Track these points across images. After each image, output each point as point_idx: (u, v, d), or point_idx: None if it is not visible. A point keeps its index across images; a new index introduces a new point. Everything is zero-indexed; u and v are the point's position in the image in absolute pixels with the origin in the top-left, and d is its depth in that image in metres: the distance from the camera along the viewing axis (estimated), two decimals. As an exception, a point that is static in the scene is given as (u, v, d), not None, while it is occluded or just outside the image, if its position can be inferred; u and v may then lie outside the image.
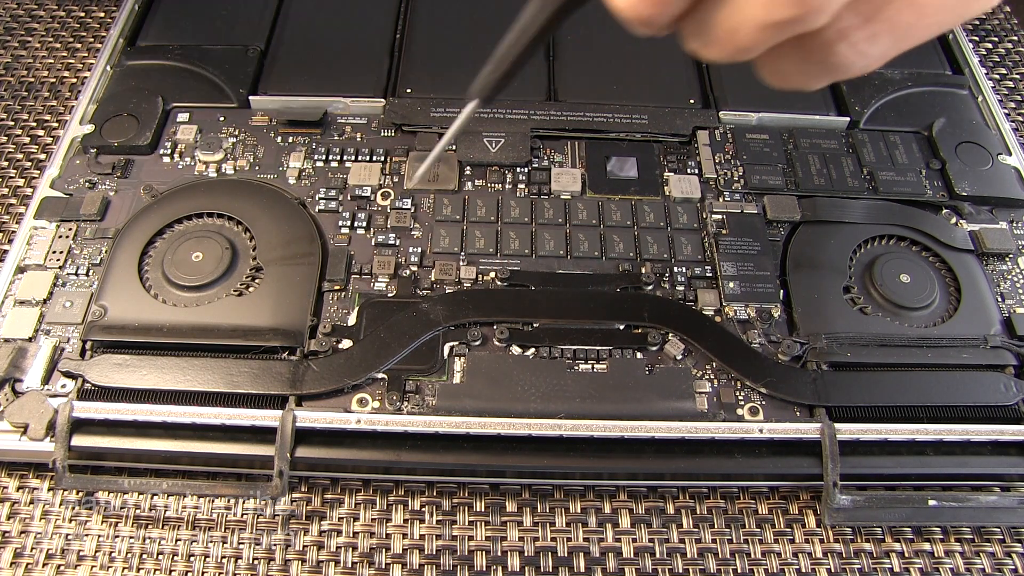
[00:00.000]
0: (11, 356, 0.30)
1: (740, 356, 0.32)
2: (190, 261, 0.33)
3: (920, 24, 0.19)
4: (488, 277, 0.34)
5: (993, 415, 0.31)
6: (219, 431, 0.30)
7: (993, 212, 0.37)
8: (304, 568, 0.29)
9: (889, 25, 0.19)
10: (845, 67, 0.20)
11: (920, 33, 0.20)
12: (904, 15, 0.19)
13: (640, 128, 0.39)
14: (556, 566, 0.29)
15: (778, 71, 0.20)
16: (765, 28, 0.19)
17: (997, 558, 0.30)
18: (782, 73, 0.20)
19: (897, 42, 0.20)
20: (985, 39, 0.50)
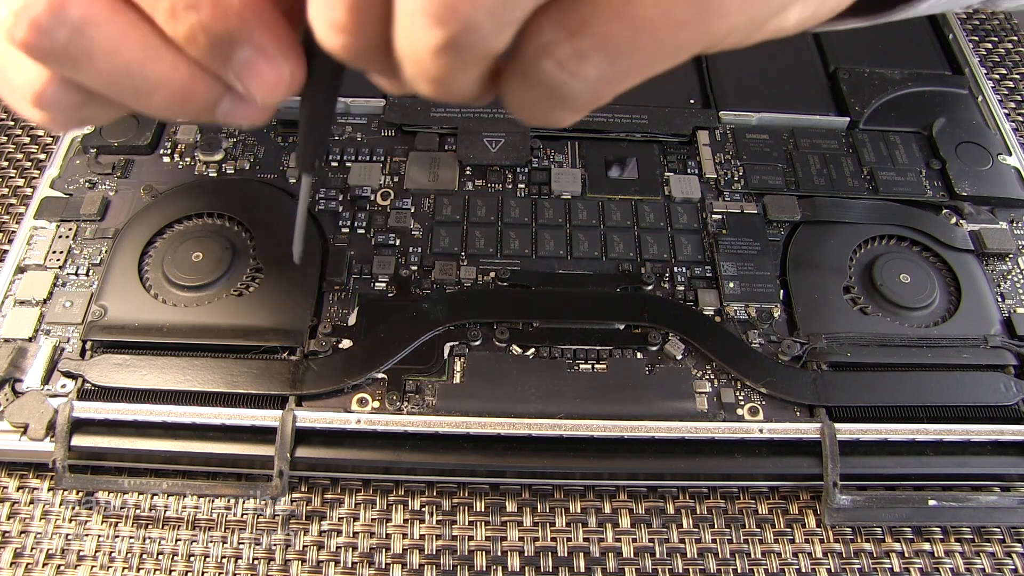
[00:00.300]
0: (11, 356, 0.30)
1: (740, 356, 0.32)
2: (190, 261, 0.33)
3: (642, 42, 0.17)
4: (488, 277, 0.34)
5: (993, 415, 0.31)
6: (219, 431, 0.30)
7: (993, 212, 0.37)
8: (304, 568, 0.29)
9: (599, 41, 0.16)
10: (563, 92, 0.17)
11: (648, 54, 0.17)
12: (615, 28, 0.16)
13: (640, 128, 0.39)
14: (556, 566, 0.29)
15: (513, 104, 0.18)
16: (436, 54, 0.17)
17: (997, 558, 0.30)
18: (518, 106, 0.18)
19: (616, 62, 0.17)
20: (985, 39, 0.50)
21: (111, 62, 0.19)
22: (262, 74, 0.19)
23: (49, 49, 0.19)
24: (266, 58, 0.19)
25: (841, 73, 0.42)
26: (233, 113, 0.21)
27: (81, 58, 0.19)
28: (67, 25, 0.18)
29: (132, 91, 0.20)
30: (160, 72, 0.20)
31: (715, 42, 0.18)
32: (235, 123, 0.22)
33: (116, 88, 0.20)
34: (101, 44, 0.19)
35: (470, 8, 0.15)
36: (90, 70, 0.19)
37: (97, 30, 0.19)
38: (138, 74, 0.19)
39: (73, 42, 0.19)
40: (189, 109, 0.21)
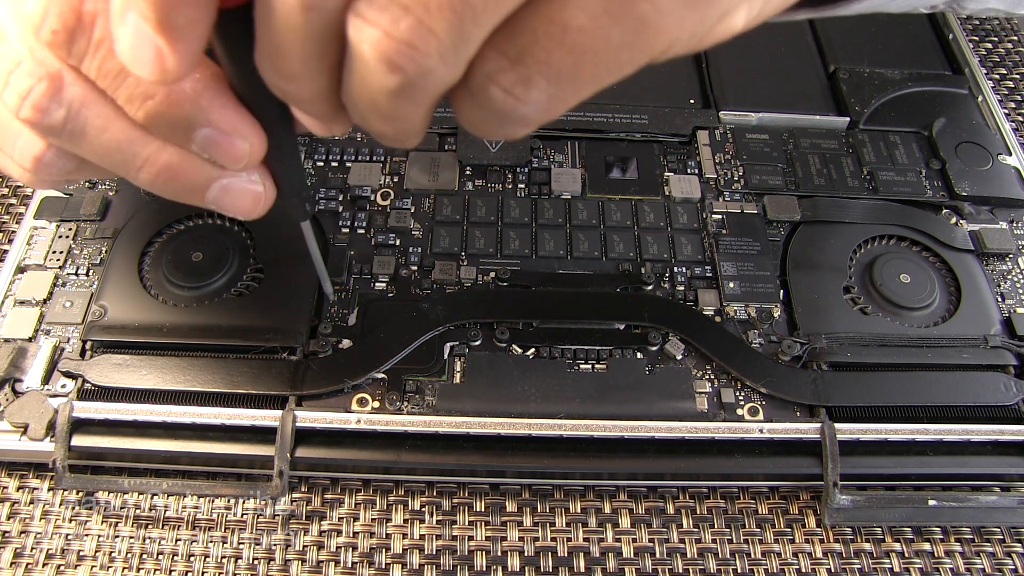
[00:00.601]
0: (11, 356, 0.30)
1: (740, 356, 0.32)
2: (190, 261, 0.33)
3: (583, 64, 0.17)
4: (488, 277, 0.34)
5: (993, 415, 0.31)
6: (219, 431, 0.30)
7: (993, 212, 0.37)
8: (304, 568, 0.29)
9: (542, 67, 0.17)
10: (513, 115, 0.18)
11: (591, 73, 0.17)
12: (555, 55, 0.17)
13: (640, 128, 0.39)
14: (556, 566, 0.29)
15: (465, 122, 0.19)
16: (391, 96, 0.17)
17: (997, 558, 0.30)
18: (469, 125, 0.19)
19: (561, 85, 0.17)
20: (985, 39, 0.50)
21: (103, 139, 0.21)
22: (224, 149, 0.21)
23: (48, 126, 0.21)
24: (224, 136, 0.21)
25: (841, 73, 0.42)
26: (221, 201, 0.23)
27: (76, 134, 0.21)
28: (64, 107, 0.21)
29: (122, 164, 0.22)
30: (148, 151, 0.21)
31: (658, 55, 0.18)
32: (225, 211, 0.23)
33: (107, 161, 0.22)
34: (94, 123, 0.21)
35: (424, 52, 0.16)
36: (84, 144, 0.21)
37: (90, 110, 0.21)
38: (127, 151, 0.21)
39: (69, 121, 0.21)
40: (176, 188, 0.22)
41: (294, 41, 0.17)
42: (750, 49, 0.43)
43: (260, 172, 0.23)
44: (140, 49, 0.18)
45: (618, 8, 0.16)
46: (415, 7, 0.15)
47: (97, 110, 0.21)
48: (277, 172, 0.24)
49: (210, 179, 0.22)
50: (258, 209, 0.24)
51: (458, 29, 0.16)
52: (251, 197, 0.23)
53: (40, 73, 0.21)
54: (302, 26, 0.16)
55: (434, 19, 0.16)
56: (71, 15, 0.19)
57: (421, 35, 0.16)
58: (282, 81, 0.18)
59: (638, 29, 0.17)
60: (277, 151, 0.23)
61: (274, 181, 0.24)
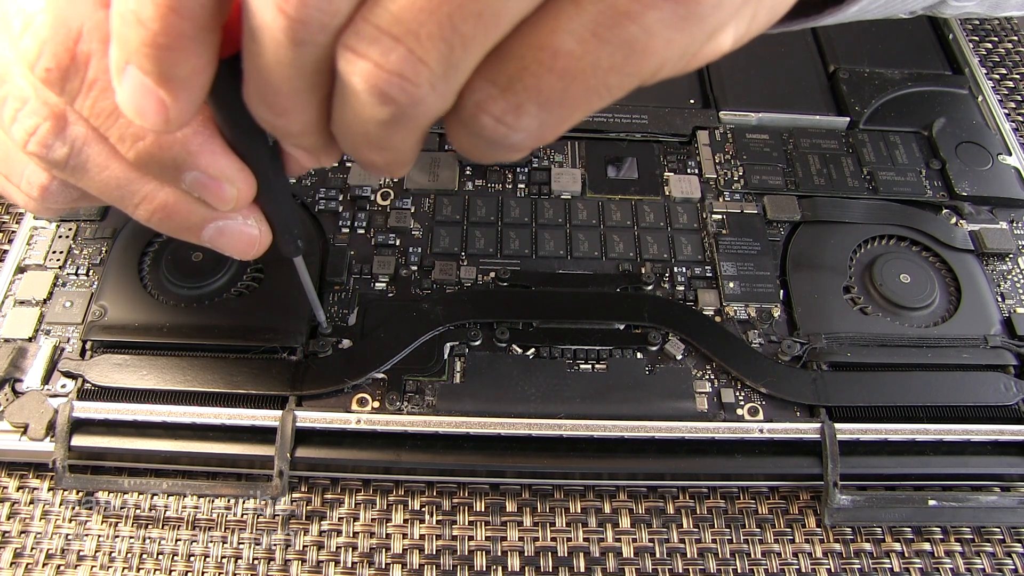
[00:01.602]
0: (11, 356, 0.30)
1: (740, 356, 0.32)
2: (190, 261, 0.33)
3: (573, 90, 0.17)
4: (488, 277, 0.34)
5: (993, 415, 0.31)
6: (219, 431, 0.30)
7: (993, 212, 0.37)
8: (304, 568, 0.29)
9: (532, 94, 0.17)
10: (505, 142, 0.18)
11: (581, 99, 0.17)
12: (545, 81, 0.16)
13: (640, 128, 0.39)
14: (556, 566, 0.29)
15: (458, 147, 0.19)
16: (381, 127, 0.17)
17: (997, 558, 0.30)
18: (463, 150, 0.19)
19: (552, 111, 0.17)
20: (985, 39, 0.50)
21: (103, 176, 0.22)
22: (212, 192, 0.21)
23: (52, 161, 0.22)
24: (212, 180, 0.21)
25: (841, 73, 0.42)
26: (216, 242, 0.23)
27: (78, 170, 0.22)
28: (67, 145, 0.21)
29: (121, 200, 0.23)
30: (146, 189, 0.22)
31: (647, 77, 0.18)
32: (221, 251, 0.24)
33: (107, 195, 0.23)
34: (95, 161, 0.22)
35: (415, 83, 0.16)
36: (85, 179, 0.22)
37: (91, 148, 0.22)
38: (126, 188, 0.22)
39: (71, 158, 0.22)
40: (172, 226, 0.23)
41: (284, 76, 0.17)
42: (750, 49, 0.43)
43: (255, 216, 0.23)
44: (141, 100, 0.18)
45: (606, 32, 0.16)
46: (405, 37, 0.15)
47: (98, 148, 0.22)
48: (268, 211, 0.24)
49: (205, 220, 0.23)
50: (253, 251, 0.24)
51: (448, 58, 0.16)
52: (246, 240, 0.24)
53: (45, 112, 0.21)
54: (292, 61, 0.16)
55: (425, 49, 0.16)
56: (65, 55, 0.20)
57: (412, 66, 0.16)
58: (272, 116, 0.18)
59: (627, 52, 0.16)
60: (267, 192, 0.23)
61: (269, 220, 0.24)
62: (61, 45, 0.20)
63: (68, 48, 0.20)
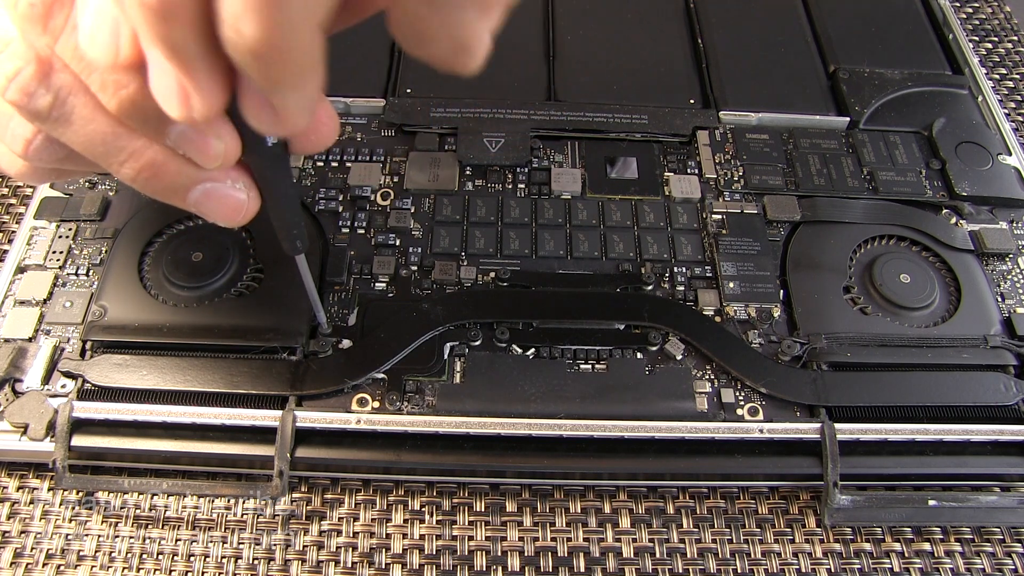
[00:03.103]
0: (11, 356, 0.30)
1: (740, 356, 0.32)
2: (190, 261, 0.33)
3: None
4: (488, 277, 0.34)
5: (993, 415, 0.31)
6: (219, 431, 0.30)
7: (993, 212, 0.37)
8: (304, 568, 0.29)
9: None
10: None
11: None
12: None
13: (640, 128, 0.39)
14: (556, 566, 0.29)
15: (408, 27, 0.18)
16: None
17: (997, 558, 0.30)
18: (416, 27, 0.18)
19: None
20: (985, 39, 0.50)
21: (88, 129, 0.21)
22: (197, 147, 0.21)
23: (35, 110, 0.21)
24: (199, 134, 0.20)
25: (841, 73, 0.42)
26: (203, 205, 0.22)
27: (62, 121, 0.21)
28: (51, 92, 0.20)
29: (105, 157, 0.21)
30: (133, 145, 0.21)
31: None
32: (207, 216, 0.23)
33: (91, 151, 0.21)
34: (80, 112, 0.21)
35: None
36: (69, 133, 0.21)
37: (77, 99, 0.20)
38: (112, 143, 0.21)
39: (55, 107, 0.21)
40: (158, 186, 0.22)
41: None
42: (750, 49, 0.43)
43: (244, 180, 0.23)
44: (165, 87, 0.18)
45: None
46: None
47: (83, 99, 0.20)
48: (272, 207, 0.24)
49: (193, 181, 0.22)
50: (239, 218, 0.23)
51: None
52: (233, 204, 0.23)
53: (29, 56, 0.20)
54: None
55: None
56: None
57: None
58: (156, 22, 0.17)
59: None
60: (271, 187, 0.23)
61: (272, 217, 0.24)
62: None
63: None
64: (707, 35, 0.44)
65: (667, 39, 0.44)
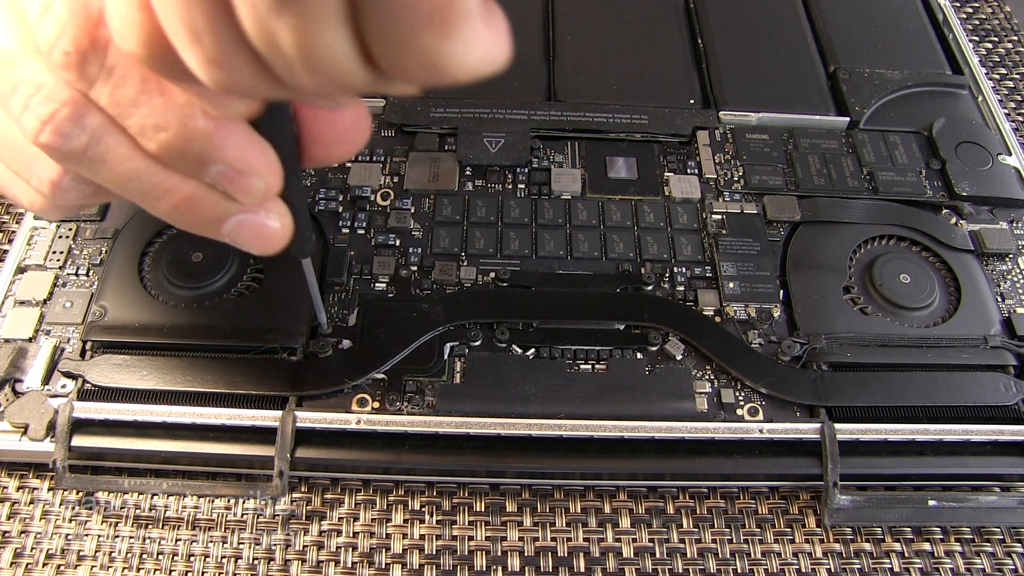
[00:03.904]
0: (11, 356, 0.30)
1: (740, 356, 0.32)
2: (190, 261, 0.33)
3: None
4: (488, 277, 0.34)
5: (993, 415, 0.31)
6: (219, 431, 0.30)
7: (993, 212, 0.37)
8: (304, 568, 0.29)
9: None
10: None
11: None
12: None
13: (640, 128, 0.39)
14: (556, 566, 0.29)
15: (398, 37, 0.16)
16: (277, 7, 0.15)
17: (997, 558, 0.30)
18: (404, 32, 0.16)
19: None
20: (985, 39, 0.50)
21: (123, 167, 0.21)
22: (237, 186, 0.20)
23: (68, 152, 0.20)
24: (238, 173, 0.20)
25: (841, 73, 0.42)
26: (237, 236, 0.22)
27: (96, 161, 0.21)
28: (86, 133, 0.20)
29: (140, 193, 0.21)
30: (169, 181, 0.21)
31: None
32: (240, 246, 0.23)
33: (125, 190, 0.21)
34: (115, 151, 0.20)
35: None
36: (103, 172, 0.21)
37: (112, 138, 0.20)
38: (147, 180, 0.21)
39: (90, 148, 0.20)
40: (193, 220, 0.22)
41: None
42: (750, 49, 0.43)
43: (279, 208, 0.22)
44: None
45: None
46: None
47: (120, 138, 0.20)
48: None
49: (228, 213, 0.22)
50: (274, 246, 0.23)
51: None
52: (268, 233, 0.22)
53: (63, 97, 0.20)
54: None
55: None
56: (84, 37, 0.19)
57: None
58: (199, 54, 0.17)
59: None
60: (287, 192, 0.22)
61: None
62: (80, 28, 0.19)
63: (88, 31, 0.19)
64: (707, 35, 0.44)
65: (667, 39, 0.44)
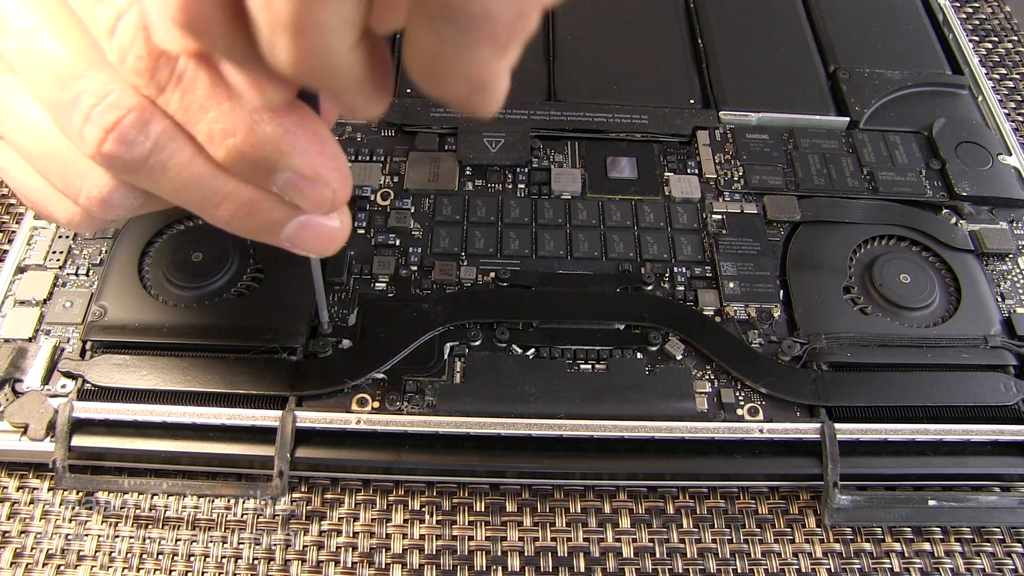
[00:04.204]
0: (11, 356, 0.30)
1: (740, 356, 0.32)
2: (190, 261, 0.33)
3: None
4: (488, 277, 0.34)
5: (993, 415, 0.31)
6: (219, 431, 0.30)
7: (993, 212, 0.37)
8: (304, 568, 0.29)
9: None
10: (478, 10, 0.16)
11: None
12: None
13: (640, 128, 0.39)
14: (556, 566, 0.29)
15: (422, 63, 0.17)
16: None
17: (997, 558, 0.30)
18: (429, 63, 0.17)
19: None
20: (985, 39, 0.50)
21: (185, 174, 0.20)
22: (305, 195, 0.20)
23: (130, 160, 0.20)
24: (307, 181, 0.20)
25: (841, 73, 0.42)
26: (297, 239, 0.22)
27: (158, 169, 0.20)
28: (150, 139, 0.20)
29: (199, 201, 0.21)
30: (229, 187, 0.20)
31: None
32: (299, 250, 0.22)
33: (184, 197, 0.21)
34: (178, 157, 0.20)
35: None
36: (164, 180, 0.20)
37: (175, 144, 0.20)
38: (208, 186, 0.20)
39: (153, 154, 0.20)
40: (252, 226, 0.21)
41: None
42: (750, 49, 0.43)
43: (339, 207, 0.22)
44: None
45: None
46: None
47: (182, 144, 0.20)
48: None
49: (288, 216, 0.21)
50: (335, 247, 0.22)
51: None
52: (329, 233, 0.22)
53: (130, 104, 0.20)
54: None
55: None
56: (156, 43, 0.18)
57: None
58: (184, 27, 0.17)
59: None
60: None
61: None
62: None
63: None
64: (707, 35, 0.44)
65: (667, 39, 0.44)
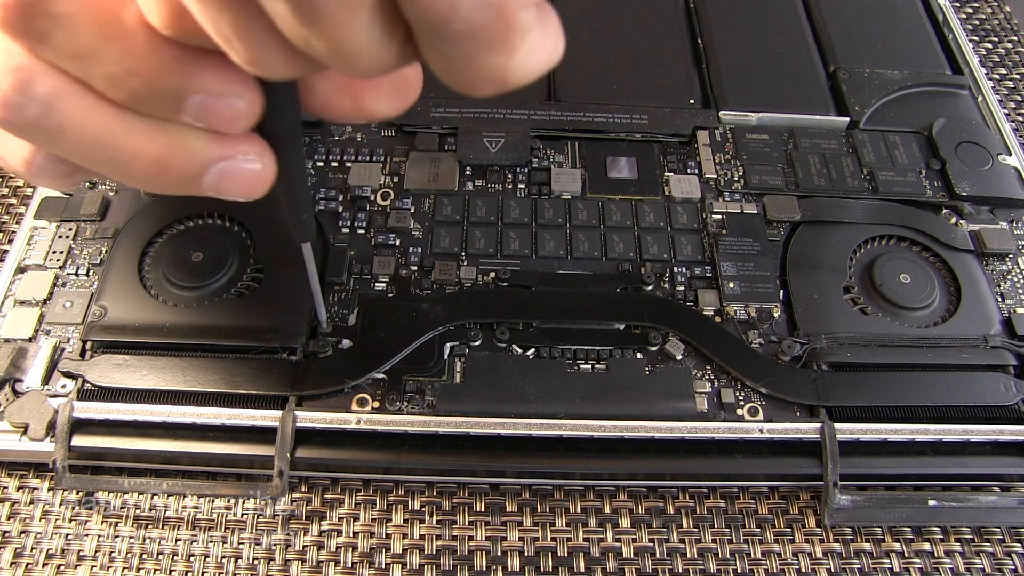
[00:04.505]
0: (11, 356, 0.30)
1: (740, 356, 0.32)
2: (190, 261, 0.33)
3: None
4: (488, 277, 0.34)
5: (993, 415, 0.31)
6: (219, 431, 0.30)
7: (993, 212, 0.37)
8: (304, 568, 0.29)
9: None
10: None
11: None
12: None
13: (640, 128, 0.39)
14: (556, 566, 0.29)
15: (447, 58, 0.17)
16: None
17: (997, 558, 0.30)
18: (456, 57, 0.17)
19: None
20: (985, 39, 0.50)
21: (83, 134, 0.19)
22: (219, 113, 0.19)
23: (22, 124, 0.19)
24: (217, 98, 0.19)
25: (841, 73, 0.42)
26: (220, 186, 0.21)
27: (54, 131, 0.19)
28: (36, 102, 0.18)
29: (108, 162, 0.20)
30: (134, 143, 0.20)
31: None
32: (226, 196, 0.21)
33: (92, 159, 0.20)
34: (71, 117, 0.19)
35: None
36: (64, 143, 0.19)
37: (65, 103, 0.19)
38: (111, 145, 0.19)
39: (44, 117, 0.19)
40: (171, 181, 0.20)
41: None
42: (750, 49, 0.43)
43: (256, 148, 0.21)
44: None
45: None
46: None
47: (74, 101, 0.19)
48: (286, 189, 0.23)
49: (204, 165, 0.20)
50: (260, 189, 0.21)
51: None
52: (251, 176, 0.21)
53: (9, 66, 0.18)
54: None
55: None
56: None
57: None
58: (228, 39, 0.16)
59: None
60: (286, 168, 0.22)
61: (281, 200, 0.23)
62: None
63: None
64: (707, 35, 0.44)
65: (667, 39, 0.44)
